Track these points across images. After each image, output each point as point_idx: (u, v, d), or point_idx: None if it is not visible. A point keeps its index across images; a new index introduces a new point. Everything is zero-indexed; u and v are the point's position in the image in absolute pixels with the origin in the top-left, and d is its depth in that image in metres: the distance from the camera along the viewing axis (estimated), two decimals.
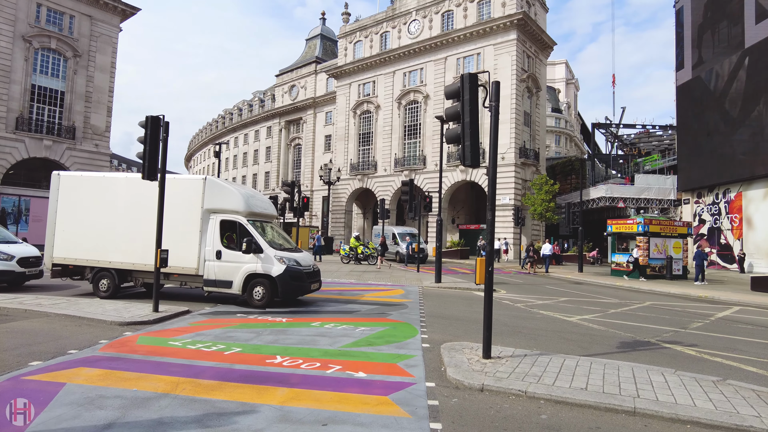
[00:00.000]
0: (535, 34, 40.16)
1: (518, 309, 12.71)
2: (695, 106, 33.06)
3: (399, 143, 44.75)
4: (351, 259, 27.79)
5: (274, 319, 9.89)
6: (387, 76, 46.23)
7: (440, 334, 8.89)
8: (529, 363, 6.66)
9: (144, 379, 5.77)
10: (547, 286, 19.64)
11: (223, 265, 11.22)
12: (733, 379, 6.43)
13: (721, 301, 16.36)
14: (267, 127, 67.66)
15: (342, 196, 48.93)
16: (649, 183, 38.39)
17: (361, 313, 11.12)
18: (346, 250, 28.19)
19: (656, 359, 7.53)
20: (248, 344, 7.68)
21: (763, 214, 27.34)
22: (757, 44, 27.33)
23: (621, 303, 14.83)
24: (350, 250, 27.95)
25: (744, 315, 13.31)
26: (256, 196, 13.18)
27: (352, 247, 27.98)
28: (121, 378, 5.80)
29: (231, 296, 12.01)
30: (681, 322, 11.54)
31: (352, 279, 18.80)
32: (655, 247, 23.31)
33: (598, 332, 9.76)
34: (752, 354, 8.30)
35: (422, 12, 43.95)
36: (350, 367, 6.48)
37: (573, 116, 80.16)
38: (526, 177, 38.54)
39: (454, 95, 7.29)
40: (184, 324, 9.23)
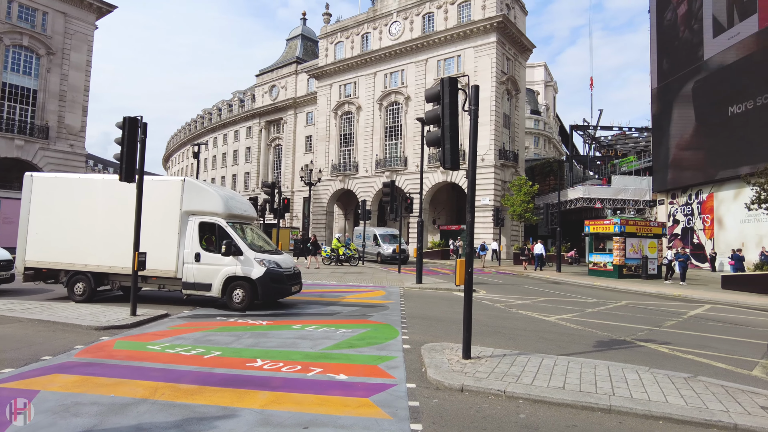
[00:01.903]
0: (515, 37, 40.65)
1: (498, 309, 12.86)
2: (669, 109, 33.91)
3: (380, 144, 44.82)
4: (332, 260, 27.68)
5: (254, 322, 9.83)
6: (368, 77, 46.26)
7: (421, 335, 8.94)
8: (508, 363, 6.76)
9: (122, 385, 5.69)
10: (526, 286, 19.90)
11: (202, 268, 11.11)
12: (704, 375, 6.63)
13: (694, 299, 16.80)
14: (247, 127, 67.06)
15: (323, 197, 48.79)
16: (625, 184, 39.14)
17: (342, 315, 11.11)
18: (328, 251, 28.08)
19: (632, 358, 7.70)
20: (228, 348, 7.63)
21: (734, 214, 28.15)
22: (714, 56, 29.30)
23: (598, 302, 15.11)
24: (332, 251, 27.85)
25: (715, 313, 13.69)
26: (236, 197, 13.06)
27: (333, 248, 27.88)
28: (98, 384, 5.71)
29: (210, 299, 11.89)
30: (655, 320, 11.82)
31: (333, 281, 18.77)
32: (632, 247, 23.81)
33: (575, 331, 9.94)
34: (722, 351, 8.56)
35: (403, 14, 44.11)
36: (331, 369, 6.49)
37: (551, 118, 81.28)
38: (505, 178, 38.97)
39: (434, 99, 7.36)
40: (163, 328, 9.11)
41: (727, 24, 28.76)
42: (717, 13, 29.69)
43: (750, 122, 26.67)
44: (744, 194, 23.96)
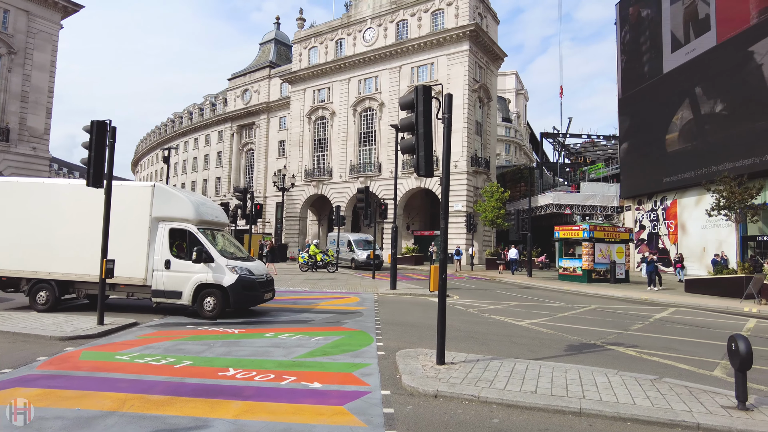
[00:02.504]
0: (487, 46, 41.33)
1: (471, 314, 12.98)
2: (635, 118, 35.04)
3: (354, 150, 44.82)
4: (309, 266, 27.38)
5: (226, 331, 9.67)
6: (342, 83, 46.27)
7: (396, 341, 8.96)
8: (481, 368, 6.83)
9: (88, 397, 5.52)
10: (498, 290, 20.16)
11: (172, 275, 10.88)
12: (669, 377, 6.84)
13: (659, 303, 17.32)
14: (218, 131, 66.11)
15: (296, 202, 48.42)
16: (594, 190, 40.16)
17: (315, 322, 11.04)
18: (305, 257, 27.73)
19: (601, 361, 7.89)
20: (200, 357, 7.48)
21: (695, 220, 29.16)
22: (673, 70, 30.93)
23: (568, 306, 15.42)
24: (309, 257, 27.51)
25: (679, 316, 14.14)
26: (207, 203, 12.86)
27: (311, 254, 27.55)
28: (62, 397, 5.52)
29: (181, 307, 11.65)
30: (623, 324, 12.13)
31: (306, 287, 18.63)
32: (600, 253, 24.40)
33: (546, 336, 10.12)
34: (686, 352, 8.85)
35: (377, 20, 44.34)
36: (305, 377, 6.44)
37: (522, 126, 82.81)
38: (477, 184, 39.46)
39: (408, 106, 7.43)
40: (132, 337, 8.88)
41: (684, 40, 30.33)
42: (674, 29, 31.22)
43: (705, 131, 27.92)
44: (705, 201, 24.88)
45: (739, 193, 19.95)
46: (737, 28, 26.27)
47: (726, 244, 26.07)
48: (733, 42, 26.48)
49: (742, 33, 25.90)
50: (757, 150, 24.29)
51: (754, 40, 25.03)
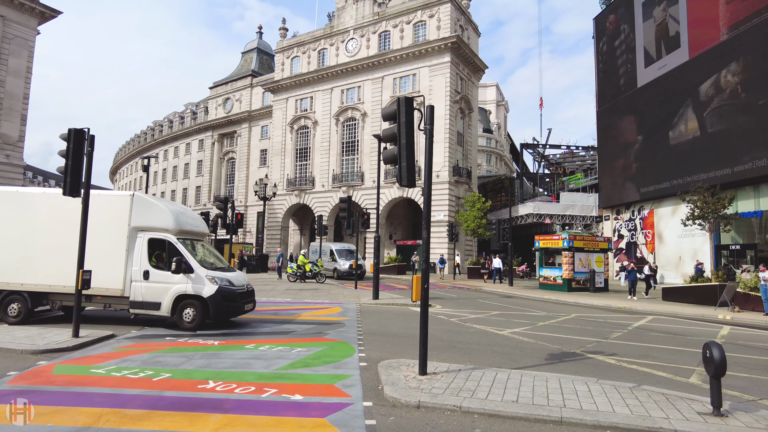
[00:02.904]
0: (468, 58, 41.88)
1: (453, 324, 13.01)
2: (612, 129, 35.80)
3: (337, 159, 44.81)
4: (298, 277, 26.60)
5: (205, 342, 9.52)
6: (325, 93, 46.34)
7: (378, 351, 8.93)
8: (463, 378, 6.84)
9: (61, 413, 5.36)
10: (480, 300, 20.25)
11: (151, 286, 10.69)
12: (647, 384, 6.94)
13: (638, 311, 17.60)
14: (199, 140, 65.49)
15: (278, 212, 48.10)
16: (573, 200, 40.77)
17: (297, 333, 10.94)
18: (294, 267, 26.94)
19: (581, 369, 7.97)
20: (178, 369, 7.35)
21: (672, 229, 29.81)
22: (646, 84, 31.95)
23: (549, 315, 15.56)
24: (298, 267, 26.74)
25: (657, 324, 14.38)
26: (187, 213, 12.70)
27: (300, 264, 26.81)
28: (35, 413, 5.35)
29: (159, 318, 11.42)
30: (602, 332, 12.29)
31: (288, 298, 18.46)
32: (580, 262, 24.73)
33: (528, 345, 10.19)
34: (663, 360, 8.99)
35: (360, 31, 44.62)
36: (286, 389, 6.37)
37: (503, 136, 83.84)
38: (459, 194, 39.75)
39: (390, 117, 7.48)
40: (108, 350, 8.68)
41: (656, 56, 31.42)
42: (647, 45, 32.34)
43: (679, 143, 28.75)
44: (680, 211, 25.45)
45: (712, 203, 20.47)
46: (707, 44, 27.19)
47: (701, 253, 26.68)
48: (704, 57, 27.36)
49: (712, 49, 26.78)
50: (729, 162, 25.03)
51: (725, 56, 25.93)
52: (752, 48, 24.50)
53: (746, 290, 17.54)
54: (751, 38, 24.57)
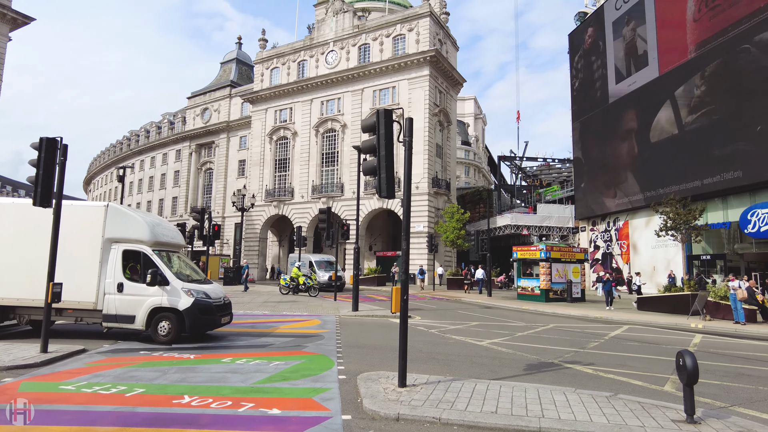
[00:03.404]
0: (447, 71, 42.45)
1: (432, 335, 13.01)
2: (588, 142, 36.59)
3: (317, 170, 44.71)
4: (291, 289, 25.92)
5: (181, 356, 9.32)
6: (304, 104, 46.34)
7: (357, 364, 8.86)
8: (442, 389, 6.84)
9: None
10: (459, 311, 20.32)
11: (125, 299, 10.45)
12: (624, 393, 7.04)
13: (614, 321, 17.88)
14: (176, 150, 64.69)
15: (256, 223, 47.64)
16: (550, 212, 41.41)
17: (275, 346, 10.79)
18: (287, 280, 26.26)
19: (559, 379, 8.04)
20: (153, 384, 7.17)
21: (646, 240, 30.45)
22: (617, 100, 32.99)
23: (527, 326, 15.69)
24: (291, 280, 26.06)
25: (632, 333, 14.63)
26: (162, 224, 12.50)
27: (293, 276, 26.10)
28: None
29: (134, 332, 11.15)
30: (580, 342, 12.43)
31: (266, 310, 18.23)
32: (557, 272, 25.05)
33: (506, 355, 10.24)
34: (639, 369, 9.14)
35: (339, 43, 44.87)
36: (264, 404, 6.27)
37: (481, 149, 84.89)
38: (438, 206, 40.00)
39: (370, 129, 7.51)
40: (79, 365, 8.42)
41: (626, 73, 32.55)
42: (618, 62, 33.57)
43: (651, 157, 29.62)
44: (654, 222, 26.02)
45: (684, 215, 21.00)
46: (675, 62, 28.20)
47: (674, 263, 27.30)
48: (672, 74, 28.34)
49: (680, 66, 27.78)
50: (699, 174, 25.80)
51: (692, 74, 26.92)
52: (718, 65, 25.45)
53: (716, 299, 18.01)
54: (717, 56, 25.53)
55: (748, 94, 23.82)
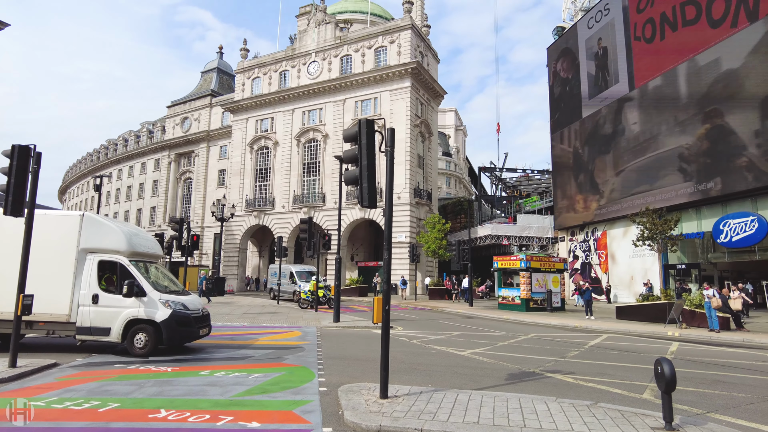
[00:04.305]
0: (428, 83, 42.87)
1: (414, 345, 12.97)
2: (566, 154, 37.24)
3: (298, 180, 44.52)
4: (310, 303, 24.33)
5: (158, 369, 9.10)
6: (286, 114, 46.23)
7: (338, 376, 8.77)
8: (424, 400, 6.80)
9: None
10: (441, 321, 20.32)
11: (100, 311, 10.19)
12: (604, 401, 7.09)
13: (593, 330, 18.08)
14: (155, 159, 63.82)
15: (236, 233, 47.12)
16: (529, 222, 41.88)
17: (254, 358, 10.62)
18: (308, 293, 24.73)
19: (540, 389, 8.07)
20: (128, 398, 6.97)
21: (624, 250, 31.00)
22: (591, 114, 34.22)
23: (508, 335, 15.76)
24: (311, 293, 24.41)
25: (612, 342, 14.79)
26: (140, 234, 12.26)
27: (311, 289, 24.54)
28: None
29: (109, 345, 10.86)
30: (560, 351, 12.52)
31: (245, 322, 17.97)
32: (537, 282, 25.27)
33: (488, 365, 10.25)
34: (619, 377, 9.23)
35: (321, 54, 45.01)
36: (243, 417, 6.14)
37: (462, 160, 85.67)
38: (420, 216, 40.14)
39: (352, 139, 7.51)
40: (50, 379, 8.15)
41: (599, 89, 33.75)
42: (590, 79, 34.72)
43: (626, 168, 30.37)
44: (631, 232, 26.53)
45: (660, 225, 21.44)
46: (645, 78, 29.22)
47: (651, 272, 27.81)
48: (642, 90, 29.25)
49: (650, 82, 28.81)
50: (673, 185, 26.44)
51: (661, 90, 27.91)
52: (684, 84, 26.34)
53: (692, 307, 18.36)
54: (683, 76, 26.44)
55: (717, 108, 24.63)
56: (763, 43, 22.50)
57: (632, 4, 30.57)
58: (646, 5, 29.41)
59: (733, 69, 24.01)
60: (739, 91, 23.78)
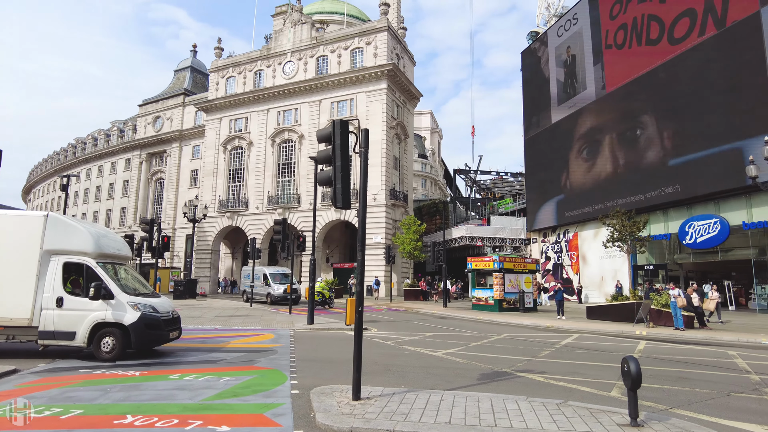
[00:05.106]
0: (404, 85, 43.03)
1: (388, 346, 12.98)
2: (538, 157, 37.91)
3: (272, 181, 44.10)
4: (318, 303, 25.02)
5: (125, 373, 8.86)
6: (260, 114, 45.77)
7: (311, 378, 8.70)
8: (397, 401, 6.80)
9: None
10: (415, 322, 20.39)
11: (64, 314, 9.87)
12: (573, 400, 7.21)
13: (564, 329, 18.40)
14: (126, 159, 62.36)
15: (209, 234, 46.38)
16: (503, 224, 42.45)
17: (226, 361, 10.46)
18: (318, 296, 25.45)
19: (512, 388, 8.16)
20: (93, 404, 6.76)
21: (594, 251, 31.68)
22: (560, 120, 35.28)
23: (481, 336, 15.91)
24: (319, 294, 25.59)
25: (582, 341, 15.08)
26: (108, 235, 11.93)
27: (319, 291, 25.70)
28: None
29: (74, 349, 10.53)
30: (532, 351, 12.70)
31: (217, 325, 17.69)
32: (510, 283, 25.60)
33: (461, 365, 10.33)
34: (588, 376, 9.41)
35: (297, 54, 44.72)
36: (212, 421, 6.03)
37: (437, 162, 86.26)
38: (396, 217, 40.23)
39: (326, 139, 7.47)
40: (9, 387, 7.83)
41: (567, 95, 34.62)
42: (559, 86, 35.67)
43: (596, 172, 31.11)
44: (602, 234, 27.14)
45: (629, 226, 21.98)
46: (613, 85, 30.07)
47: (620, 273, 28.49)
48: (611, 96, 30.08)
49: (617, 89, 29.72)
50: (642, 188, 27.15)
51: (629, 97, 28.77)
52: (652, 91, 27.16)
53: (659, 307, 18.87)
54: (651, 82, 27.25)
55: (681, 115, 25.45)
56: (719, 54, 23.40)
57: (604, 11, 31.30)
58: (619, 11, 30.19)
59: (693, 77, 24.90)
60: (699, 99, 24.62)
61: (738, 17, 23.19)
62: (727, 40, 23.64)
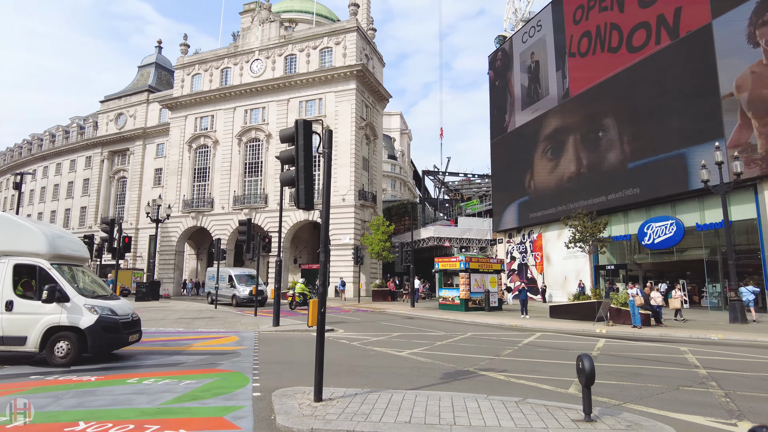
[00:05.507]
0: (373, 86, 43.09)
1: (354, 347, 12.98)
2: (504, 160, 38.62)
3: (239, 180, 43.44)
4: (298, 304, 26.46)
5: (80, 379, 8.58)
6: (227, 112, 45.02)
7: (274, 380, 8.62)
8: (359, 402, 6.82)
9: None
10: (382, 322, 20.45)
11: (14, 318, 9.48)
12: (532, 397, 7.38)
13: (528, 328, 18.79)
14: (86, 156, 60.29)
15: (172, 235, 45.32)
16: (470, 225, 43.01)
17: (187, 365, 10.25)
18: (298, 296, 26.83)
19: (474, 387, 8.29)
20: (42, 412, 6.51)
21: (558, 252, 32.47)
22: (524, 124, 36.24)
23: (446, 335, 16.09)
24: (299, 295, 26.70)
25: (544, 340, 15.43)
26: (64, 236, 11.53)
27: (299, 292, 26.77)
28: None
29: (25, 355, 10.12)
30: (495, 350, 12.92)
31: (180, 327, 17.31)
32: (476, 282, 25.97)
33: (425, 365, 10.42)
34: (548, 374, 9.65)
35: (265, 53, 44.21)
36: (171, 425, 5.91)
37: (407, 163, 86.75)
38: (364, 218, 40.24)
39: (289, 139, 7.43)
40: None
41: (531, 99, 35.77)
42: (523, 91, 36.70)
43: (559, 174, 31.94)
44: (565, 235, 27.84)
45: (590, 227, 22.61)
46: (576, 90, 30.99)
47: (583, 273, 29.30)
48: (573, 101, 30.94)
49: (579, 95, 30.64)
50: (603, 190, 28.00)
51: (591, 102, 29.71)
52: (614, 96, 28.08)
53: (618, 306, 19.49)
54: (613, 87, 28.18)
55: (640, 120, 26.38)
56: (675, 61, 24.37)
57: (568, 15, 32.15)
58: (581, 17, 31.08)
59: (651, 84, 25.86)
60: (657, 105, 25.59)
61: (692, 28, 24.20)
62: (682, 49, 24.64)
